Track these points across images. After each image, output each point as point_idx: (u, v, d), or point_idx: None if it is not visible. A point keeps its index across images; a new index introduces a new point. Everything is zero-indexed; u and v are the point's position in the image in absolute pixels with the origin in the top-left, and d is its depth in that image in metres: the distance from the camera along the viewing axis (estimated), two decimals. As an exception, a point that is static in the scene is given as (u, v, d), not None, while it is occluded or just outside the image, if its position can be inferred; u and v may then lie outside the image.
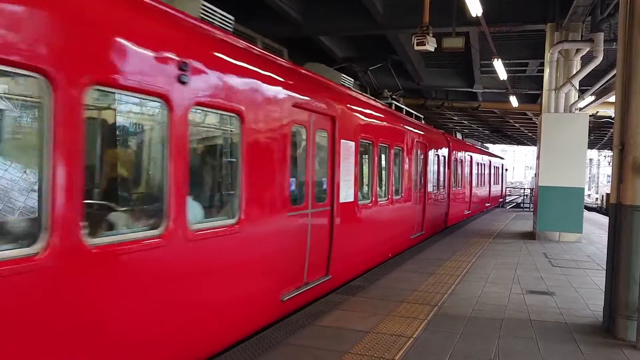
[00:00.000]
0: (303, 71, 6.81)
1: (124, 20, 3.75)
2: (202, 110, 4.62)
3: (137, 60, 3.78)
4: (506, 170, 36.45)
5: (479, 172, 23.00)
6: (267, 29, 15.33)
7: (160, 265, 4.06)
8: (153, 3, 4.18)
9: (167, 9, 4.30)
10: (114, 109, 4.25)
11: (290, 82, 6.07)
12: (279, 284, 5.85)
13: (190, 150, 4.38)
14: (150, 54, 3.91)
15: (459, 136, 21.29)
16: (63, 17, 3.24)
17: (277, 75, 5.81)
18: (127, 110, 4.38)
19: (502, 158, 34.36)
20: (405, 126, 11.64)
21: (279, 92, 5.78)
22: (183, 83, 4.18)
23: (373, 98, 10.18)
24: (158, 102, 4.05)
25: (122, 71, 3.63)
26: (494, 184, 28.73)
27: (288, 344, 5.07)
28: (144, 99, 4.04)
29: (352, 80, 8.96)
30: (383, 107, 10.49)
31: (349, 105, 7.99)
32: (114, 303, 3.65)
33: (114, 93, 3.86)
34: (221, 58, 4.87)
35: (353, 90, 8.76)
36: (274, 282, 5.77)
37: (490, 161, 26.56)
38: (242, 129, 5.04)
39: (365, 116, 8.84)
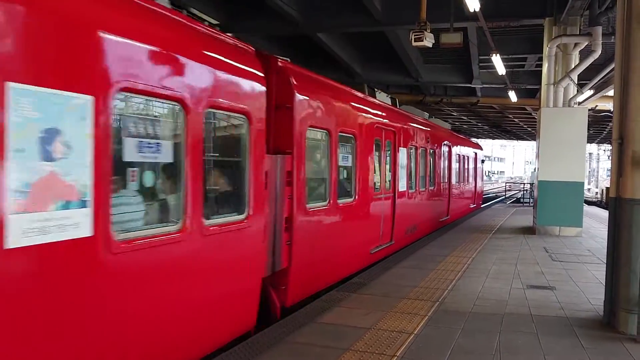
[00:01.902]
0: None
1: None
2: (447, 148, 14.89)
3: None
4: (482, 162, 24.08)
5: (425, 165, 13.39)
6: (265, 27, 15.36)
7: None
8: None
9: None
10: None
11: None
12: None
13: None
14: None
15: (387, 100, 11.12)
16: None
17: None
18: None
19: (477, 146, 23.41)
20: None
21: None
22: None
23: None
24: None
25: None
26: (460, 182, 18.49)
27: (288, 341, 5.07)
28: None
29: None
30: None
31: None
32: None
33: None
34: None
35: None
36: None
37: (449, 147, 16.43)
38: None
39: None
